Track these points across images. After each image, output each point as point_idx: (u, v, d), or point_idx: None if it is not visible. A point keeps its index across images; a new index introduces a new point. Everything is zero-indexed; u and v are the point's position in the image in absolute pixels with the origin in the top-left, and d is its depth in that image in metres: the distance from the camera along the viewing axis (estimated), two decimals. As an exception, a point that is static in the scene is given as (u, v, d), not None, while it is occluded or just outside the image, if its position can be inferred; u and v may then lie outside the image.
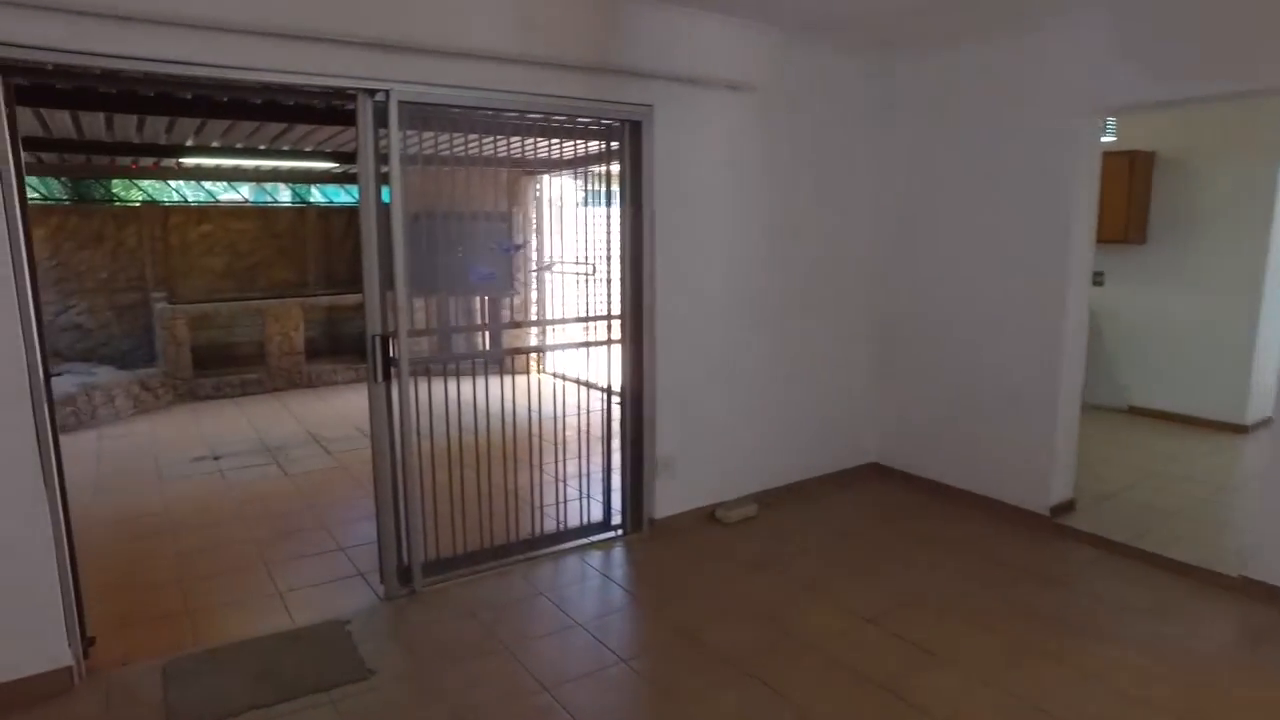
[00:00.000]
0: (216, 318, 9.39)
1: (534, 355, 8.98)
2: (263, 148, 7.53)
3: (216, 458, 6.48)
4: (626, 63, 3.97)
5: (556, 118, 4.05)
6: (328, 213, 10.62)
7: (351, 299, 9.80)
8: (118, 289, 9.32)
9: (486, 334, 7.28)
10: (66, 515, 3.12)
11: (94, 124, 6.20)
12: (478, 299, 9.01)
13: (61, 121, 6.12)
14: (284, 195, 10.98)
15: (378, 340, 3.48)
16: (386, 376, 3.54)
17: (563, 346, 4.36)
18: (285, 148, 7.54)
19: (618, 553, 4.41)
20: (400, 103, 3.47)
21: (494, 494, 4.31)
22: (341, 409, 8.27)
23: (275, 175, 9.98)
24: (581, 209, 4.71)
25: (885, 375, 5.49)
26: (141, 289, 9.43)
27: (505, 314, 9.30)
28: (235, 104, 5.18)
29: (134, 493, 5.61)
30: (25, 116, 5.87)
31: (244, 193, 10.73)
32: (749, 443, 4.93)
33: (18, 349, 2.80)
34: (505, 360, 8.95)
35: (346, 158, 8.07)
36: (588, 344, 4.41)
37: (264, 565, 4.29)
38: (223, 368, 9.36)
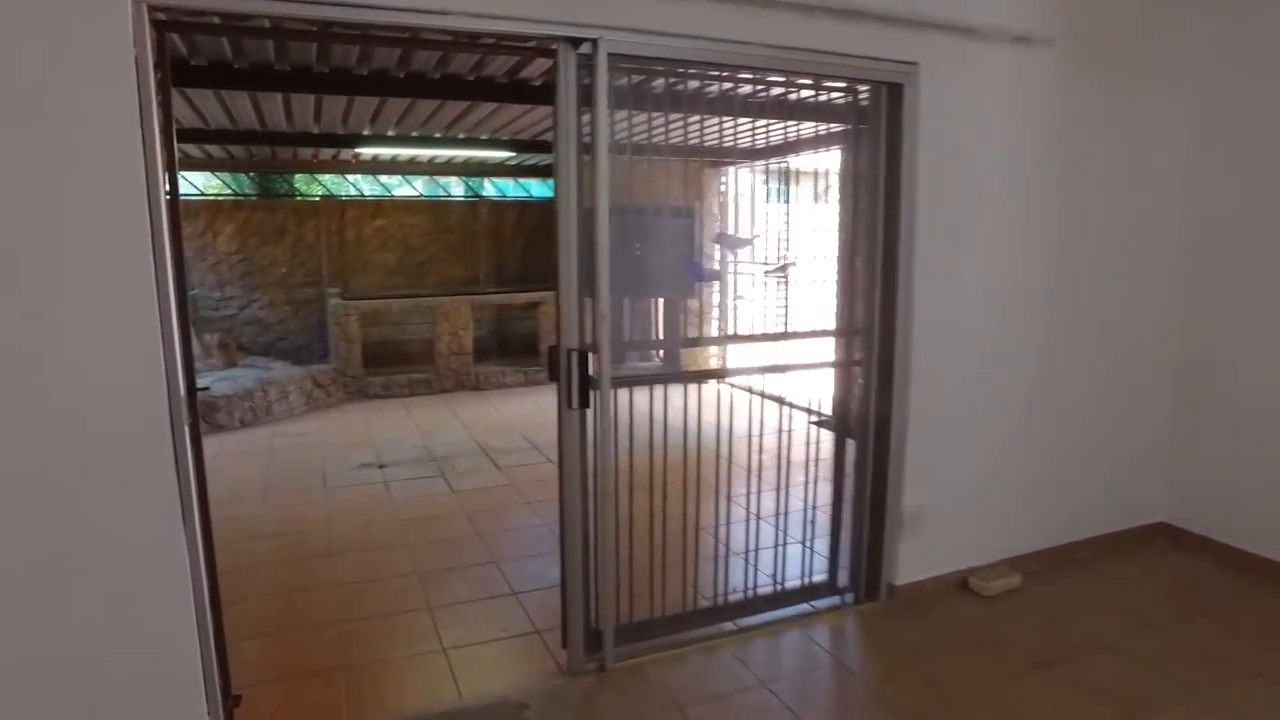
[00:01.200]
0: (387, 314, 9.22)
1: (715, 364, 8.22)
2: (437, 135, 7.15)
3: (382, 466, 6.11)
4: (885, 3, 3.11)
5: (801, 80, 3.23)
6: (500, 207, 10.31)
7: (521, 298, 9.42)
8: (295, 284, 9.34)
9: (663, 349, 6.58)
10: (210, 559, 2.60)
11: (274, 112, 5.97)
12: (659, 304, 8.38)
13: (244, 111, 5.93)
14: (456, 189, 10.79)
15: (574, 357, 2.78)
16: (584, 400, 2.84)
17: (798, 367, 3.52)
18: (460, 135, 7.14)
19: (851, 628, 3.54)
20: (610, 55, 2.76)
21: (698, 540, 3.56)
22: (510, 416, 7.81)
23: (448, 168, 9.75)
24: (771, 204, 3.83)
25: (1187, 414, 4.29)
26: (317, 284, 9.41)
27: (683, 320, 8.60)
28: (412, 81, 4.71)
29: (299, 502, 5.28)
30: (210, 105, 5.69)
31: (417, 186, 10.60)
32: (1010, 493, 3.93)
33: (155, 374, 2.26)
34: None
35: (524, 146, 7.59)
36: (830, 364, 3.56)
37: (428, 609, 3.73)
38: (392, 366, 9.19)
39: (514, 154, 8.08)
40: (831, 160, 6.90)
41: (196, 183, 9.63)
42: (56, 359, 2.14)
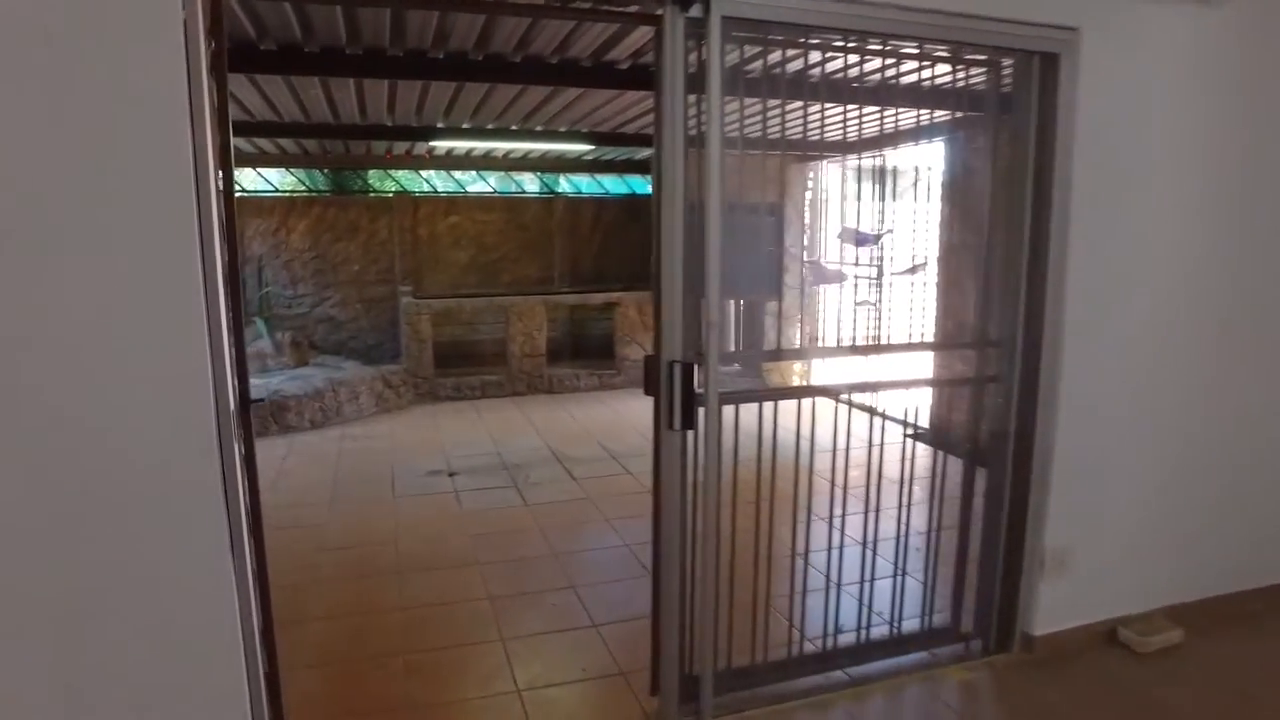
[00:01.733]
0: (459, 314, 9.02)
1: (797, 366, 7.77)
2: (513, 128, 6.88)
3: (452, 474, 5.85)
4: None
5: (937, 50, 2.81)
6: (575, 204, 10.04)
7: (598, 298, 9.11)
8: (368, 281, 9.22)
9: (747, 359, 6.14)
10: (264, 591, 2.31)
11: (347, 102, 5.77)
12: (738, 306, 7.95)
13: (317, 102, 5.74)
14: (531, 186, 10.55)
15: (678, 370, 2.41)
16: (688, 420, 2.46)
17: (921, 384, 3.09)
18: (537, 127, 6.85)
19: (982, 685, 3.08)
20: (724, 18, 2.38)
21: (806, 574, 3.16)
22: (585, 421, 7.50)
23: (524, 163, 9.51)
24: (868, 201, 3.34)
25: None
26: (389, 282, 9.28)
27: (765, 323, 8.18)
28: (490, 64, 4.41)
29: (367, 511, 5.04)
30: (282, 96, 5.51)
31: (491, 183, 10.40)
32: (1170, 531, 3.40)
33: (200, 387, 1.97)
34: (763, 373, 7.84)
35: (603, 139, 7.27)
36: (960, 381, 3.11)
37: (501, 640, 3.41)
38: (463, 367, 8.99)
39: (592, 148, 7.79)
40: (924, 152, 6.40)
41: (272, 179, 9.61)
42: (86, 369, 1.87)
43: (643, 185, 10.37)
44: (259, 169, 9.35)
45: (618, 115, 6.35)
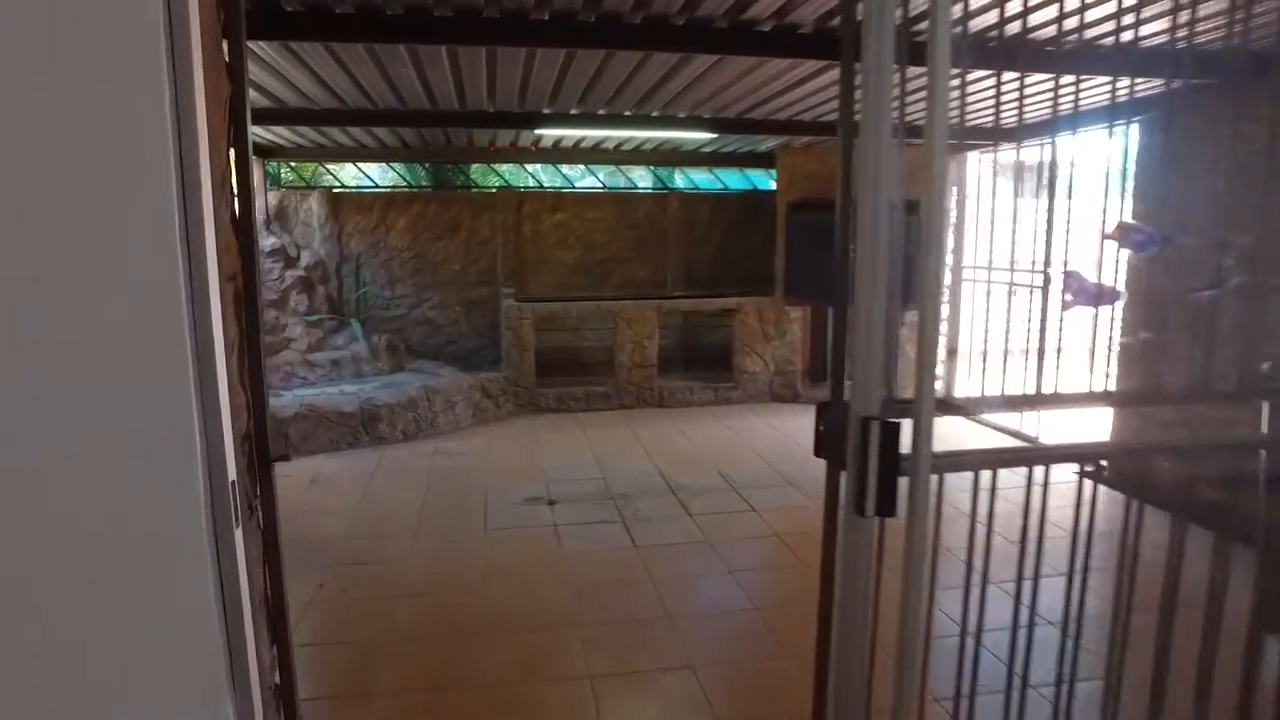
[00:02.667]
0: (564, 319, 8.44)
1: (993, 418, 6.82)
2: (626, 113, 6.20)
3: (551, 502, 5.22)
4: None
5: None
6: (691, 201, 9.32)
7: (715, 304, 8.38)
8: (468, 283, 8.78)
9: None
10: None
11: (442, 84, 5.21)
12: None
13: (410, 85, 5.21)
14: (643, 181, 9.90)
15: (875, 430, 1.62)
16: (886, 502, 1.68)
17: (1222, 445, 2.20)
18: (653, 113, 6.15)
19: None
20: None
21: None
22: (700, 442, 6.77)
23: (636, 156, 8.86)
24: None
25: None
26: (491, 283, 8.81)
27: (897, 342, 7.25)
28: (604, 26, 3.73)
29: (454, 548, 4.47)
30: (372, 78, 4.99)
31: (600, 178, 9.80)
32: None
33: (185, 453, 1.32)
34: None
35: (726, 126, 6.52)
36: None
37: (605, 745, 2.71)
38: (567, 375, 8.43)
39: (713, 137, 7.04)
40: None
41: (373, 174, 9.28)
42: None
43: (764, 180, 9.58)
44: (358, 163, 9.03)
45: (747, 97, 5.59)
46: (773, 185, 9.47)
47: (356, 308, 8.40)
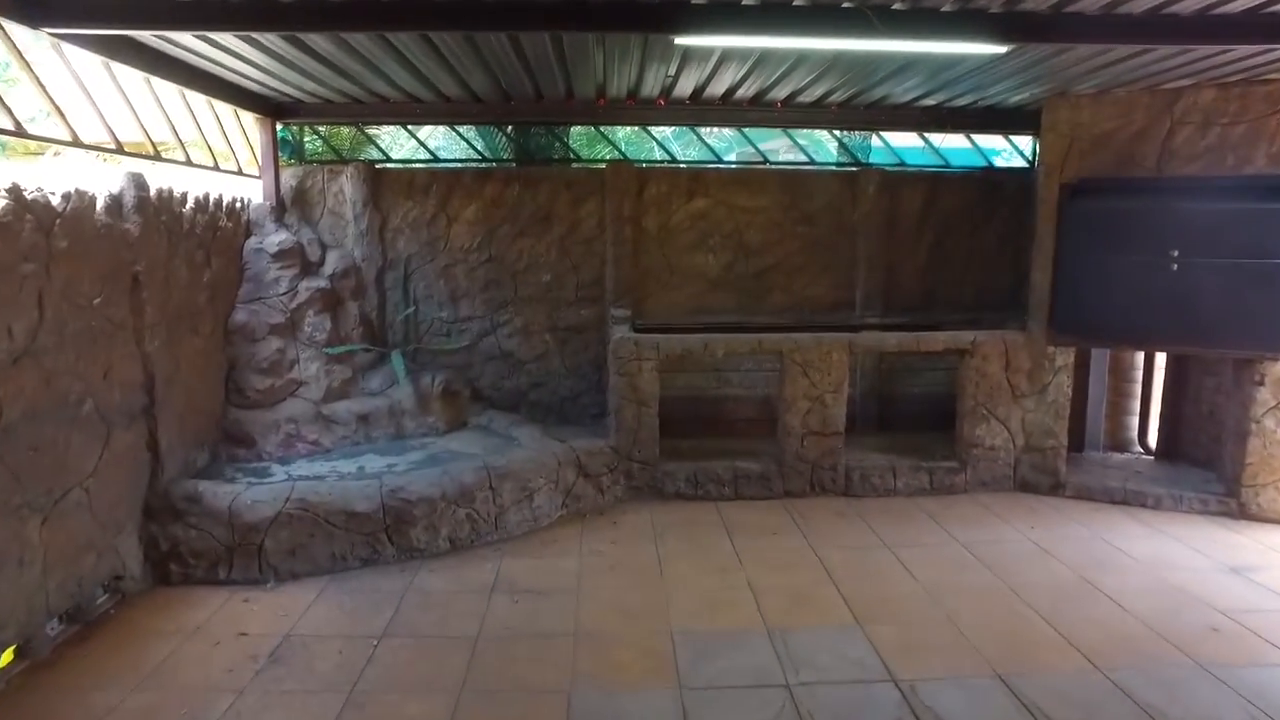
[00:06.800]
0: (701, 358, 5.89)
1: None
2: (846, 4, 3.60)
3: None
4: None
5: None
6: (895, 184, 6.65)
7: (937, 339, 5.72)
8: (563, 300, 6.58)
9: None
10: None
11: None
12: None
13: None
14: (822, 155, 7.30)
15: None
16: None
17: None
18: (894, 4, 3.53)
19: None
20: None
21: None
22: (935, 586, 4.16)
23: (816, 114, 6.31)
24: None
25: None
26: (596, 301, 6.58)
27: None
28: None
29: None
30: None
31: (759, 149, 7.25)
32: None
33: None
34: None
35: (1040, 26, 3.83)
36: None
37: None
38: (703, 439, 6.18)
39: (1012, 47, 4.12)
40: None
41: (432, 145, 7.04)
42: None
43: (1003, 153, 6.94)
44: (409, 126, 6.80)
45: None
46: (1025, 159, 7.22)
47: (402, 335, 6.17)
